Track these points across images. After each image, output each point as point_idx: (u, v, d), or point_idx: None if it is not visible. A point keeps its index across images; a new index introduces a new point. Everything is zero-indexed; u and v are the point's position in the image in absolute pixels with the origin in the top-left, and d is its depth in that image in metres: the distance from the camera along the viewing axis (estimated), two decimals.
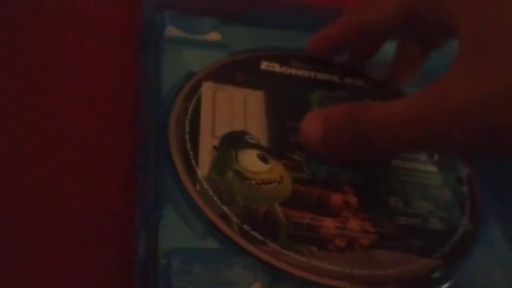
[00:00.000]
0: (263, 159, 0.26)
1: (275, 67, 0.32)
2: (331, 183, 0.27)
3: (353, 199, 0.26)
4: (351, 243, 0.24)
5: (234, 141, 0.27)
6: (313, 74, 0.32)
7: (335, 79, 0.33)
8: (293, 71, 0.32)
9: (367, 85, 0.33)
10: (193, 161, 0.25)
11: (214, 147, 0.26)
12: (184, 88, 0.28)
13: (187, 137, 0.26)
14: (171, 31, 0.31)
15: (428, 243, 0.26)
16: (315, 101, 0.30)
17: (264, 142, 0.27)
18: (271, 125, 0.28)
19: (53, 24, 0.32)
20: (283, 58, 0.33)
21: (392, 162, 0.29)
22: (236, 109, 0.29)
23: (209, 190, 0.24)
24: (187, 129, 0.27)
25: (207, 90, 0.29)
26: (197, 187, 0.24)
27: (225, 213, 0.24)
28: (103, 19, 0.33)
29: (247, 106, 0.29)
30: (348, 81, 0.33)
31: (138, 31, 0.32)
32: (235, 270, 0.22)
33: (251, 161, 0.26)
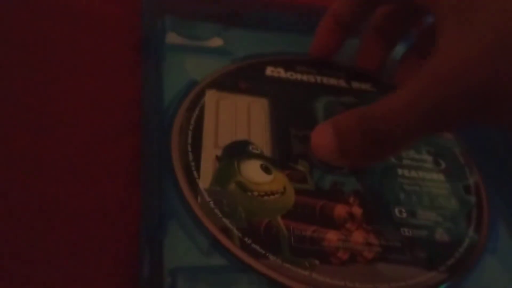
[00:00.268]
0: (266, 170, 0.26)
1: (280, 72, 0.32)
2: (335, 194, 0.26)
3: (357, 211, 0.26)
4: (354, 256, 0.24)
5: (237, 151, 0.26)
6: (319, 79, 0.32)
7: (341, 83, 0.32)
8: (299, 77, 0.32)
9: (375, 89, 0.32)
10: (195, 173, 0.25)
11: (216, 157, 0.26)
12: (187, 97, 0.28)
13: (190, 148, 0.26)
14: (172, 38, 0.31)
15: (433, 255, 0.25)
16: (321, 108, 0.30)
17: (267, 151, 0.27)
18: (275, 134, 0.28)
19: (52, 23, 0.31)
20: (288, 63, 0.32)
21: (397, 171, 0.28)
22: (239, 118, 0.28)
23: (211, 202, 0.24)
24: (189, 140, 0.26)
25: (211, 98, 0.29)
26: (198, 199, 0.24)
27: (227, 226, 0.23)
28: (102, 18, 0.33)
29: (251, 114, 0.29)
30: (355, 85, 0.32)
31: (139, 31, 0.32)
32: (241, 287, 0.22)
33: (254, 172, 0.26)
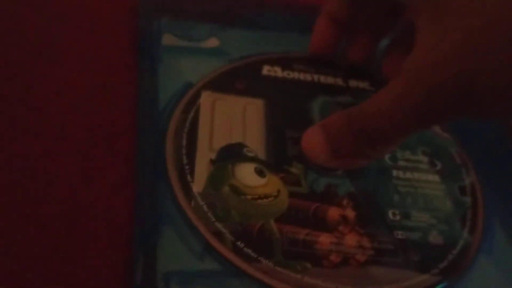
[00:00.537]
0: (260, 173, 0.26)
1: (277, 71, 0.31)
2: (329, 197, 0.26)
3: (350, 213, 0.26)
4: (347, 259, 0.24)
5: (231, 154, 0.27)
6: (316, 77, 0.32)
7: (339, 82, 0.32)
8: (296, 75, 0.32)
9: (373, 87, 0.32)
10: (189, 177, 0.25)
11: (211, 160, 0.26)
12: (183, 98, 0.28)
13: (184, 151, 0.26)
14: (169, 39, 0.31)
15: (426, 258, 0.25)
16: (316, 108, 0.30)
17: (262, 154, 0.27)
18: (270, 136, 0.28)
19: (48, 25, 0.31)
20: (285, 61, 0.32)
21: (392, 172, 0.28)
22: (235, 120, 0.28)
23: (204, 206, 0.24)
24: (184, 142, 0.26)
25: (206, 100, 0.29)
26: (192, 203, 0.24)
27: (219, 230, 0.24)
28: (99, 19, 0.33)
29: (246, 116, 0.29)
30: (352, 83, 0.32)
31: (135, 32, 0.32)
32: None
33: (247, 175, 0.26)
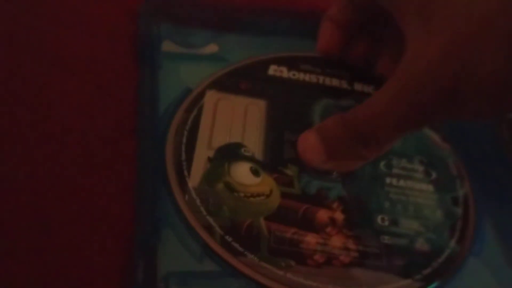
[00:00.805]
0: (255, 172, 0.27)
1: (283, 72, 0.32)
2: (320, 199, 0.27)
3: (339, 216, 0.27)
4: (331, 260, 0.25)
5: (229, 153, 0.28)
6: (321, 79, 0.32)
7: (344, 84, 0.32)
8: (301, 76, 0.32)
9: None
10: (186, 172, 0.27)
11: (208, 158, 0.27)
12: (187, 98, 0.29)
13: (183, 148, 0.27)
14: (168, 46, 0.32)
15: (410, 264, 0.26)
16: (318, 111, 0.31)
17: (259, 154, 0.28)
18: (269, 137, 0.29)
19: (49, 29, 0.32)
20: (292, 60, 0.33)
21: (386, 180, 0.29)
22: (236, 120, 0.29)
23: (197, 200, 0.26)
24: (184, 139, 0.28)
25: (210, 99, 0.30)
26: (186, 197, 0.26)
27: (210, 223, 0.25)
28: (99, 24, 0.33)
29: (247, 116, 0.30)
30: (357, 87, 0.32)
31: (135, 38, 0.32)
32: None
33: (242, 174, 0.27)
